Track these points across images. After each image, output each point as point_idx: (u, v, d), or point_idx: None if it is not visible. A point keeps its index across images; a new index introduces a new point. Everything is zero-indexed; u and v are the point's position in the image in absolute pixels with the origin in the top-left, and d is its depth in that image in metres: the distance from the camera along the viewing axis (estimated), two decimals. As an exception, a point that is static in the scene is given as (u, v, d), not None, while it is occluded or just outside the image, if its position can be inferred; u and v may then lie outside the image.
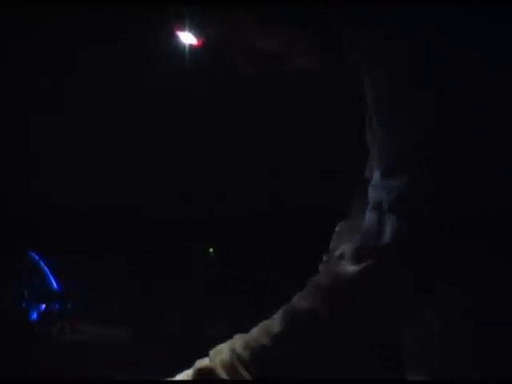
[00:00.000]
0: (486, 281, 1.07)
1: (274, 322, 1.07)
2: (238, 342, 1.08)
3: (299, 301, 1.08)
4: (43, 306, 2.27)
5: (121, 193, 2.67)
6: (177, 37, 1.26)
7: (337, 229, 1.14)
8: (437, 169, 1.02)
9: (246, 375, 1.05)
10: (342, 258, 1.07)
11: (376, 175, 1.07)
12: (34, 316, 2.23)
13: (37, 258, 2.40)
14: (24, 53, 2.44)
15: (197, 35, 1.19)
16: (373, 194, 1.07)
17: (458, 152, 1.02)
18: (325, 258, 1.15)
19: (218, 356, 1.08)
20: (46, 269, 2.39)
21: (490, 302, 1.08)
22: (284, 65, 1.18)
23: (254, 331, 1.08)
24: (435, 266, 1.04)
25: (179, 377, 1.10)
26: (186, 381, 1.09)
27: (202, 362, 1.09)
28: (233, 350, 1.07)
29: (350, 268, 1.05)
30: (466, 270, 1.05)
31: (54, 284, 2.38)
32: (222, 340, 1.15)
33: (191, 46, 1.26)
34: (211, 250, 3.07)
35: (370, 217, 1.07)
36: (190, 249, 2.95)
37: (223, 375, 1.05)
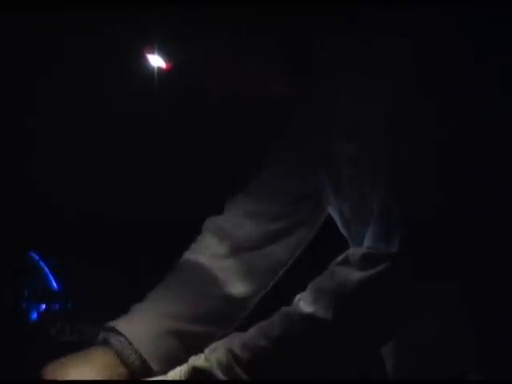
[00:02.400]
0: (484, 277, 1.07)
1: (274, 325, 1.07)
2: (235, 342, 1.07)
3: (300, 304, 1.07)
4: (43, 306, 2.27)
5: (120, 193, 2.67)
6: (145, 59, 1.25)
7: None
8: (445, 179, 1.02)
9: (244, 377, 1.04)
10: (347, 263, 1.07)
11: (385, 184, 1.06)
12: (34, 316, 2.23)
13: (37, 258, 2.40)
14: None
15: (166, 59, 1.18)
16: (380, 201, 1.06)
17: (462, 162, 1.02)
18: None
19: (214, 354, 1.07)
20: (46, 269, 2.39)
21: (485, 293, 1.08)
22: (257, 91, 1.17)
23: (252, 332, 1.08)
24: (443, 274, 1.04)
25: (172, 373, 1.09)
26: (187, 381, 1.08)
27: (198, 361, 1.08)
28: (230, 351, 1.06)
29: (358, 274, 1.04)
30: (473, 277, 1.05)
31: (54, 284, 2.37)
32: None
33: (159, 68, 1.26)
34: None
35: (378, 223, 1.07)
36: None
37: (220, 376, 1.05)
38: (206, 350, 1.10)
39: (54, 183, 2.59)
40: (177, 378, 1.09)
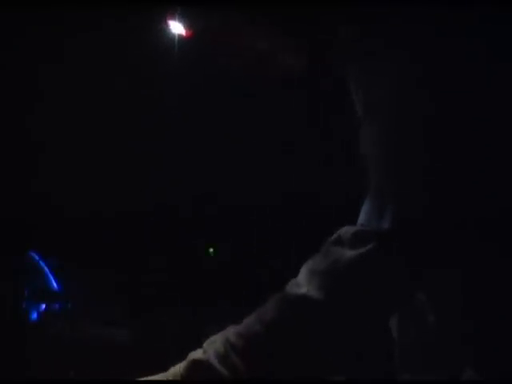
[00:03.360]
0: (481, 268, 1.07)
1: (267, 309, 1.06)
2: (231, 331, 1.07)
3: (293, 287, 1.07)
4: (43, 305, 2.28)
5: (120, 193, 2.67)
6: (167, 25, 1.26)
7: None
8: (438, 161, 1.03)
9: (240, 364, 1.03)
10: (339, 243, 1.06)
11: (380, 164, 1.07)
12: (34, 316, 2.23)
13: (37, 258, 2.40)
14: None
15: (186, 26, 1.19)
16: (375, 180, 1.07)
17: (456, 149, 1.03)
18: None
19: (212, 346, 1.07)
20: (46, 269, 2.39)
21: (485, 287, 1.08)
22: (271, 65, 1.18)
23: (247, 320, 1.08)
24: (432, 253, 1.04)
25: (172, 370, 1.09)
26: (183, 381, 1.08)
27: (196, 354, 1.08)
28: (226, 340, 1.06)
29: (349, 252, 1.04)
30: (462, 258, 1.06)
31: (54, 284, 2.38)
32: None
33: (180, 36, 1.26)
34: (211, 249, 3.07)
35: (371, 202, 1.07)
36: (190, 249, 2.96)
37: (216, 365, 1.04)
38: (205, 344, 1.09)
39: (55, 183, 2.60)
40: (177, 372, 1.09)
